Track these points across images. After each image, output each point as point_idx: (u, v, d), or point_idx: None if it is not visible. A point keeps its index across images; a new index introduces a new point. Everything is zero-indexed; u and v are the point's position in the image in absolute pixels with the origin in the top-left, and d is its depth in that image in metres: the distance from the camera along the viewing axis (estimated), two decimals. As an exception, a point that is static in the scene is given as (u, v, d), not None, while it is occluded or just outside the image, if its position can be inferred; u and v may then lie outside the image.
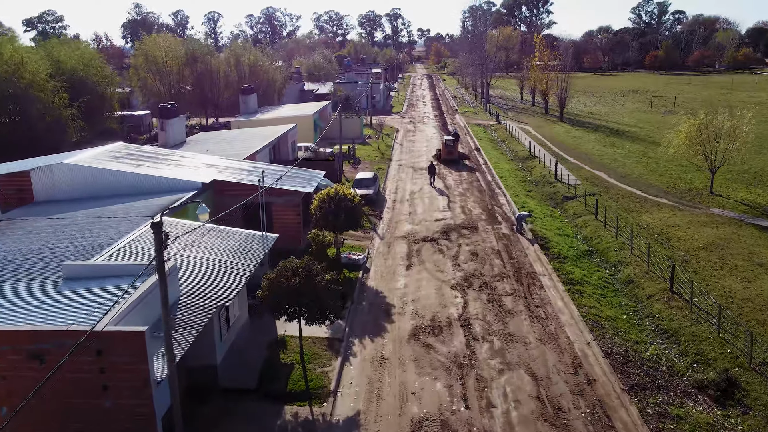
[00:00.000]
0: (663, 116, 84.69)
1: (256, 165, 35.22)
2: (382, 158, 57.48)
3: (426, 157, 57.67)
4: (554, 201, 43.46)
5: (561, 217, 39.35)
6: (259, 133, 49.38)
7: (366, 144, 65.11)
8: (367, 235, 34.63)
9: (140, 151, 34.37)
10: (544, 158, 54.57)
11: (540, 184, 48.25)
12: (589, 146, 62.85)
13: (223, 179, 31.21)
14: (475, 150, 61.95)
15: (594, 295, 26.91)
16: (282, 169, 35.20)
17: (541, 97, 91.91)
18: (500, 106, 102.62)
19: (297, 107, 70.13)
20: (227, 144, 45.43)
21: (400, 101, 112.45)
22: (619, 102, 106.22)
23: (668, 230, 35.00)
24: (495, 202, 41.60)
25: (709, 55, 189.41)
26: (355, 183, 42.46)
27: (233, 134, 51.51)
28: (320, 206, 28.86)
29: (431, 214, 38.55)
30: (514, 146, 64.80)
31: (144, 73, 71.67)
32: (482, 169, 53.02)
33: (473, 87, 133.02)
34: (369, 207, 39.69)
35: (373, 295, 26.65)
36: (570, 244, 33.74)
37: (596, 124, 78.64)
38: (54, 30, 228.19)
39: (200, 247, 22.05)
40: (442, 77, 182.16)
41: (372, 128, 74.94)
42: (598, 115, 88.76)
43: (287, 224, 31.74)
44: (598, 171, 51.00)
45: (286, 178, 32.50)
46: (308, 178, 34.26)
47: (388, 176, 50.28)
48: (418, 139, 69.07)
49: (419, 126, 79.89)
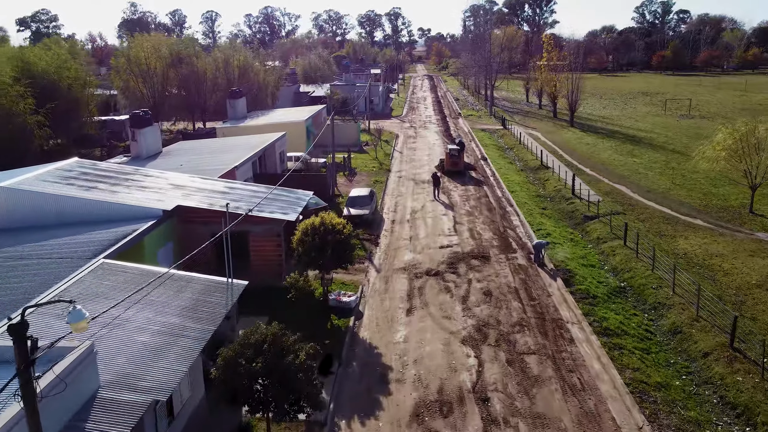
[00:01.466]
0: (679, 121, 79.91)
1: (232, 185, 30.34)
2: (380, 169, 52.60)
3: (428, 167, 52.80)
4: (573, 221, 38.58)
5: (583, 242, 34.46)
6: (244, 143, 44.52)
7: (363, 152, 60.24)
8: (361, 266, 29.75)
9: (96, 170, 29.50)
10: (559, 170, 49.61)
11: (555, 200, 43.35)
12: (604, 155, 57.97)
13: (190, 204, 26.34)
14: (481, 159, 57.07)
15: (636, 351, 22.02)
16: (262, 190, 30.29)
17: (549, 100, 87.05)
18: (505, 109, 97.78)
19: (289, 112, 65.27)
20: (206, 156, 40.58)
21: (400, 104, 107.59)
22: (629, 105, 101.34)
23: (711, 261, 30.11)
24: (507, 224, 36.70)
25: (717, 56, 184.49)
26: (348, 201, 37.60)
27: (216, 144, 46.65)
28: (302, 240, 24.00)
29: (435, 239, 33.67)
30: (524, 154, 59.91)
31: (126, 75, 66.81)
32: (490, 182, 48.12)
33: (476, 88, 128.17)
34: (364, 230, 34.85)
35: (366, 352, 21.78)
36: (598, 278, 28.85)
37: (609, 130, 73.74)
38: (48, 30, 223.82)
39: (142, 305, 17.19)
40: (443, 78, 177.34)
41: (370, 134, 70.08)
42: (609, 119, 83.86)
43: (267, 257, 26.93)
44: (619, 184, 46.11)
45: (267, 202, 27.64)
46: (293, 201, 29.36)
47: (386, 190, 45.37)
48: (420, 147, 64.18)
49: (420, 131, 75.01)
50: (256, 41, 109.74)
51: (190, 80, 67.71)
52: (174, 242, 26.19)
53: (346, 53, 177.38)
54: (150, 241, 24.05)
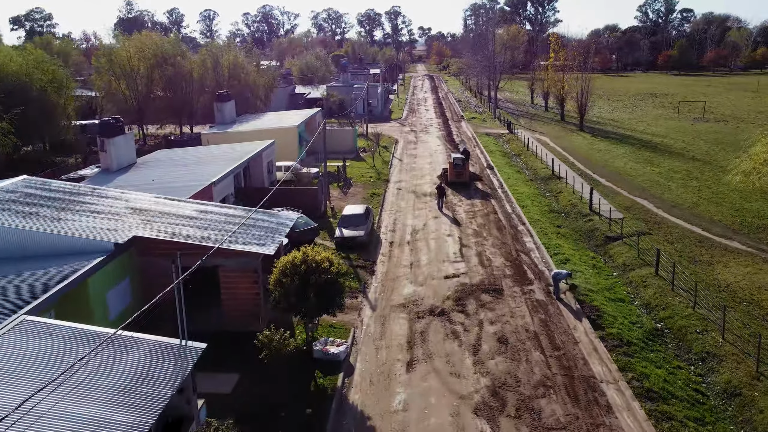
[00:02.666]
0: (693, 124, 75.79)
1: (204, 208, 26.16)
2: (377, 179, 48.43)
3: (430, 178, 48.66)
4: (593, 242, 34.44)
5: (607, 269, 30.31)
6: (227, 153, 40.42)
7: (360, 159, 56.07)
8: (354, 301, 25.63)
9: (45, 190, 25.31)
10: (574, 182, 45.35)
11: (571, 216, 39.22)
12: (619, 163, 53.81)
13: (148, 235, 22.18)
14: (487, 168, 52.90)
15: (689, 423, 17.88)
16: (239, 214, 26.12)
17: (557, 102, 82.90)
18: (510, 111, 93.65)
19: (281, 116, 61.11)
20: (182, 169, 36.46)
21: (400, 105, 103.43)
22: (639, 107, 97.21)
23: (760, 296, 25.97)
24: (520, 246, 32.53)
25: (724, 55, 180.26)
26: (341, 221, 33.47)
27: (197, 153, 42.48)
28: (280, 281, 19.86)
29: (439, 267, 29.52)
30: (532, 162, 55.75)
31: (108, 76, 62.65)
32: (498, 194, 43.95)
33: (479, 89, 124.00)
34: (358, 255, 30.73)
35: (357, 426, 17.64)
36: (630, 317, 24.72)
37: (621, 134, 69.54)
38: (42, 28, 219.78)
39: (63, 387, 13.05)
40: (444, 78, 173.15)
41: (368, 139, 65.93)
42: (620, 122, 79.67)
43: (241, 297, 22.80)
44: (640, 198, 41.99)
45: (243, 228, 23.50)
46: (274, 227, 25.19)
47: (384, 205, 41.22)
48: (421, 153, 60.00)
49: (421, 136, 70.82)
50: (250, 40, 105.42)
51: (175, 82, 63.58)
52: (131, 279, 22.09)
53: (345, 53, 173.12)
54: (97, 282, 19.92)
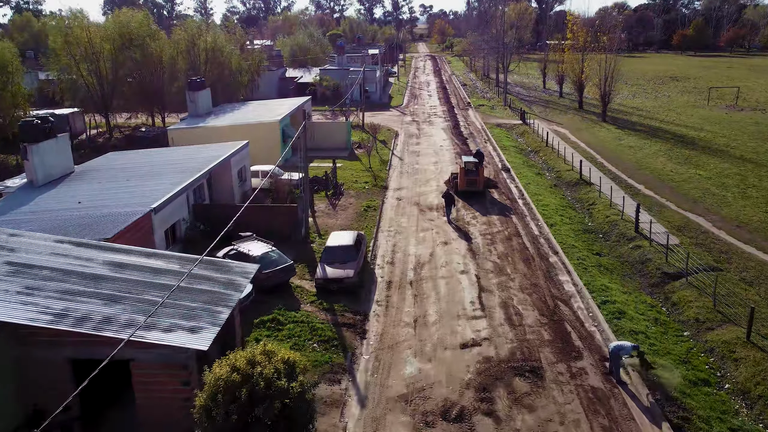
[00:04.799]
0: (727, 114, 67.86)
1: (122, 261, 18.56)
2: (374, 185, 40.79)
3: (436, 184, 41.06)
4: (647, 279, 26.99)
5: (675, 326, 22.86)
6: (188, 160, 32.84)
7: (354, 158, 48.32)
8: (334, 389, 18.27)
9: None
10: (611, 192, 37.53)
11: (611, 239, 31.71)
12: (656, 163, 46.13)
13: (21, 319, 14.68)
14: (503, 170, 45.16)
15: None
16: (172, 269, 18.53)
17: (575, 88, 74.75)
18: (520, 97, 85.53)
19: (264, 107, 53.24)
20: (126, 183, 28.80)
21: (401, 90, 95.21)
22: (662, 92, 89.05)
23: None
24: (557, 290, 25.06)
25: (742, 35, 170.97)
26: (325, 254, 25.95)
27: (152, 159, 34.75)
28: (207, 410, 12.43)
29: (453, 326, 22.07)
30: (554, 161, 48.04)
31: (66, 59, 54.66)
32: (519, 207, 36.36)
33: (485, 72, 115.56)
34: (344, 306, 23.32)
35: None
36: (726, 418, 17.37)
37: (650, 126, 61.62)
38: (28, 5, 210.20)
39: None
40: (447, 59, 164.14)
41: (364, 132, 58.18)
42: (645, 111, 71.65)
43: (164, 403, 15.40)
44: (692, 213, 34.46)
45: (174, 297, 16.02)
46: (220, 292, 17.62)
47: (381, 223, 33.65)
48: (424, 150, 52.22)
49: (424, 128, 62.88)
50: (232, 21, 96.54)
51: (145, 66, 55.62)
52: (7, 376, 14.80)
53: (342, 31, 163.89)
54: None
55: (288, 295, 24.19)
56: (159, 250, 19.84)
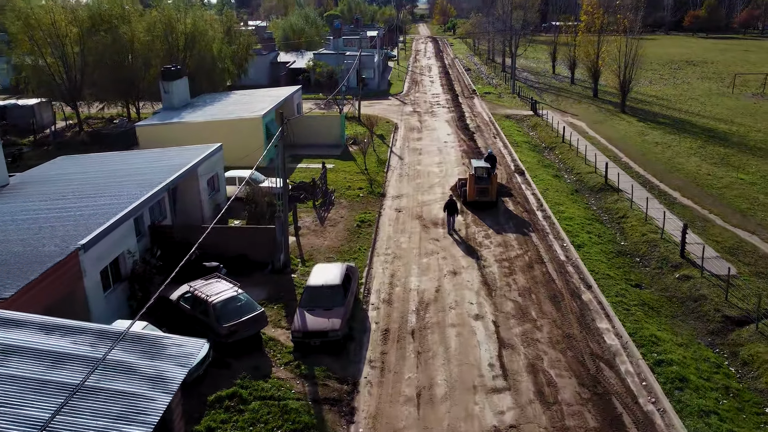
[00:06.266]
0: (756, 103, 62.38)
1: (9, 340, 13.41)
2: (369, 192, 35.51)
3: (441, 190, 35.85)
4: (704, 324, 21.86)
5: (753, 399, 17.79)
6: (149, 167, 27.59)
7: (348, 158, 42.92)
8: None
9: None
10: (647, 204, 32.16)
11: (651, 265, 26.52)
12: (689, 164, 40.83)
13: None
14: (516, 172, 39.82)
15: None
16: (82, 353, 13.30)
17: (589, 75, 69.04)
18: (529, 84, 79.79)
19: (249, 99, 47.71)
20: (64, 203, 23.53)
21: (400, 75, 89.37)
22: (679, 78, 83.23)
23: None
24: (596, 344, 19.93)
25: (756, 15, 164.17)
26: (305, 296, 20.77)
27: (107, 167, 29.34)
28: None
29: (468, 406, 16.94)
30: (572, 161, 42.71)
31: (28, 44, 49.09)
32: (538, 221, 31.12)
33: (490, 55, 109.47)
34: (327, 369, 18.22)
35: None
36: None
37: (675, 119, 56.14)
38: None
39: None
40: (449, 41, 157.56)
41: (360, 124, 52.77)
42: (666, 100, 66.03)
43: None
44: (742, 230, 29.31)
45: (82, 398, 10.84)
46: (142, 401, 12.42)
47: (376, 245, 28.41)
48: (427, 147, 46.82)
49: (427, 120, 57.35)
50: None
51: (116, 52, 50.00)
52: None
53: (341, 12, 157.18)
54: None
55: (257, 353, 19.11)
56: (69, 321, 14.40)
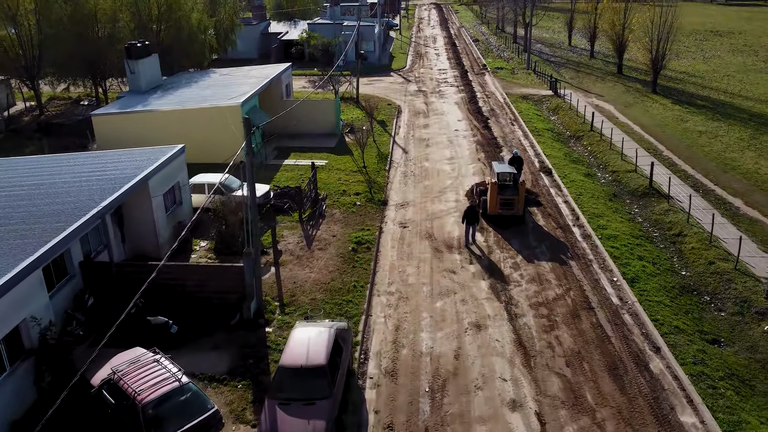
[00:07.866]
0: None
1: None
2: (368, 199, 29.41)
3: (455, 196, 29.82)
4: (818, 409, 16.16)
5: None
6: (79, 187, 21.57)
7: (343, 151, 36.65)
8: None
9: None
10: (713, 221, 26.33)
11: (726, 306, 20.74)
12: (744, 160, 34.72)
13: None
14: (542, 172, 33.63)
15: None
16: None
17: (613, 48, 62.19)
18: (544, 57, 72.79)
19: (230, 80, 41.24)
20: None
21: (403, 47, 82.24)
22: (708, 51, 76.24)
23: None
24: (683, 454, 14.28)
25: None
26: (277, 381, 14.93)
27: (21, 179, 23.26)
28: None
29: None
30: (604, 154, 36.58)
31: (-25, 16, 42.57)
32: (576, 241, 25.14)
33: (499, 25, 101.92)
34: None
35: None
36: None
37: (713, 100, 49.70)
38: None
39: None
40: (454, 8, 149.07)
41: (359, 108, 46.43)
42: (699, 77, 59.38)
43: None
44: (834, 256, 23.41)
45: None
46: None
47: (375, 279, 22.51)
48: (435, 136, 40.50)
49: (433, 101, 50.81)
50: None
51: (75, 24, 43.42)
52: None
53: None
54: None
55: (205, 475, 13.42)
56: None
